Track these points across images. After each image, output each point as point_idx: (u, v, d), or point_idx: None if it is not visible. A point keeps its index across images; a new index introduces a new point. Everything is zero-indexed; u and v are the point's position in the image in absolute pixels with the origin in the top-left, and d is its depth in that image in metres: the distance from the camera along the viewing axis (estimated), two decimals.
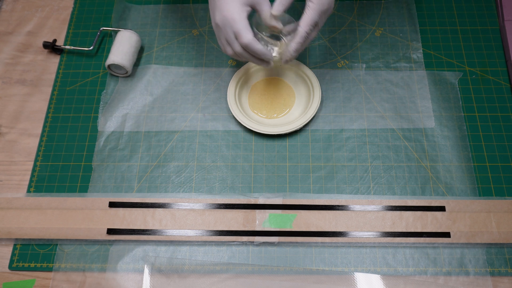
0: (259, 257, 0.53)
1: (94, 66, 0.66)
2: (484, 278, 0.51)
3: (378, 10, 0.69)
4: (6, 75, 0.67)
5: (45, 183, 0.58)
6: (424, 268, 0.52)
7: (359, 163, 0.58)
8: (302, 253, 0.53)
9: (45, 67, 0.67)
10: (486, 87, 0.63)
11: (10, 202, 0.56)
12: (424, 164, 0.58)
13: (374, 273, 0.52)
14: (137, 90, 0.64)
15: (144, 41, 0.68)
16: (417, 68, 0.64)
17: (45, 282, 0.53)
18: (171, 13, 0.71)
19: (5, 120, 0.63)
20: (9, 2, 0.73)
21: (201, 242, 0.54)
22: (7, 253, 0.55)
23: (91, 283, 0.52)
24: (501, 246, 0.53)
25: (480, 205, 0.54)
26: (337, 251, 0.53)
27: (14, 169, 0.60)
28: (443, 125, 0.60)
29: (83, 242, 0.54)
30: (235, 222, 0.54)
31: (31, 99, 0.65)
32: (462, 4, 0.69)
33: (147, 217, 0.55)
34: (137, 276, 0.52)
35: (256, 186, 0.57)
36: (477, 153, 0.58)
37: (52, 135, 0.62)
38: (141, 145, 0.60)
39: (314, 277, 0.52)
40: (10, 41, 0.70)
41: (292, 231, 0.53)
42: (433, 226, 0.53)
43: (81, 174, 0.59)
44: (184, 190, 0.57)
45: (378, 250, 0.53)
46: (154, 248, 0.54)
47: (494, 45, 0.66)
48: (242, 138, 0.60)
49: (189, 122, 0.62)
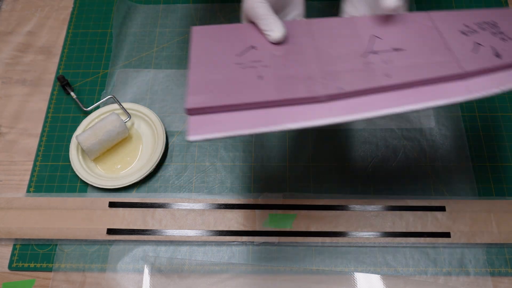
0: (259, 257, 0.53)
1: (94, 66, 0.66)
2: (484, 278, 0.51)
3: None
4: (6, 75, 0.67)
5: (45, 183, 0.58)
6: (424, 268, 0.52)
7: (359, 162, 0.58)
8: (302, 253, 0.53)
9: (45, 67, 0.67)
10: None
11: (10, 202, 0.56)
12: (424, 164, 0.58)
13: (374, 273, 0.52)
14: (137, 92, 0.64)
15: (144, 41, 0.68)
16: None
17: (45, 282, 0.53)
18: (171, 13, 0.71)
19: (5, 120, 0.63)
20: (9, 2, 0.73)
21: (201, 242, 0.54)
22: (6, 253, 0.55)
23: (91, 283, 0.52)
24: (501, 246, 0.53)
25: (480, 205, 0.54)
26: (337, 251, 0.53)
27: (14, 169, 0.60)
28: (443, 124, 0.60)
29: (83, 242, 0.54)
30: (235, 222, 0.54)
31: (31, 99, 0.65)
32: (462, 4, 0.69)
33: (147, 217, 0.55)
34: (137, 276, 0.52)
35: (256, 186, 0.57)
36: (477, 153, 0.58)
37: (52, 135, 0.62)
38: None
39: (314, 277, 0.52)
40: (10, 41, 0.70)
41: (292, 231, 0.53)
42: (433, 226, 0.53)
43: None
44: (183, 191, 0.57)
45: (378, 250, 0.53)
46: (154, 248, 0.54)
47: None
48: (241, 138, 0.60)
49: None
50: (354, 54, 0.42)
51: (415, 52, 0.42)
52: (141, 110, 0.60)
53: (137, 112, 0.61)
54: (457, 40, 0.42)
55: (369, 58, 0.41)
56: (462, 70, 0.39)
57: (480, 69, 0.39)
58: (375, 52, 0.42)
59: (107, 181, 0.56)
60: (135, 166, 0.58)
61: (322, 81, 0.40)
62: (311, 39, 0.44)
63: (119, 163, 0.59)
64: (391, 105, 0.38)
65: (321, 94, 0.38)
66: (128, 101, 0.63)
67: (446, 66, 0.40)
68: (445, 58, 0.41)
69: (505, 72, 0.40)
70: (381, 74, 0.39)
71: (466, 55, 0.41)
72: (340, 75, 0.40)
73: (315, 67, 0.41)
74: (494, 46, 0.41)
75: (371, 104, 0.38)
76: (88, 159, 0.58)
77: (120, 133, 0.57)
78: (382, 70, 0.40)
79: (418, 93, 0.39)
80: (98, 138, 0.55)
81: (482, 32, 0.43)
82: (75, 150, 0.58)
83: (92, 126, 0.57)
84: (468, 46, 0.42)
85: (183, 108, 0.62)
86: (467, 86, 0.39)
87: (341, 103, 0.38)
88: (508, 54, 0.40)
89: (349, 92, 0.38)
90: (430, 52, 0.42)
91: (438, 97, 0.38)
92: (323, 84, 0.39)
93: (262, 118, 0.37)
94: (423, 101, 0.38)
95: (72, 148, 0.58)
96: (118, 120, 0.57)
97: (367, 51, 0.42)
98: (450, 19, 0.44)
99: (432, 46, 0.42)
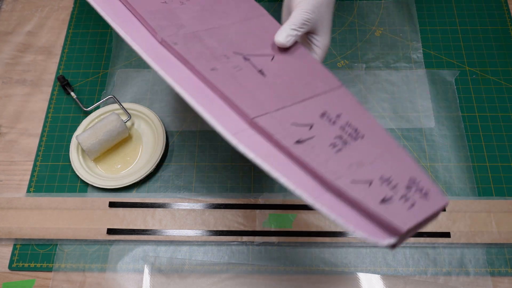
0: (259, 257, 0.53)
1: (94, 66, 0.66)
2: (484, 278, 0.51)
3: (378, 10, 0.69)
4: (6, 75, 0.67)
5: (45, 183, 0.58)
6: (424, 268, 0.52)
7: None
8: (302, 253, 0.53)
9: (45, 67, 0.67)
10: (486, 87, 0.63)
11: (10, 202, 0.56)
12: (423, 164, 0.58)
13: (374, 273, 0.52)
14: (137, 92, 0.64)
15: None
16: (417, 68, 0.64)
17: (45, 282, 0.53)
18: None
19: (5, 120, 0.63)
20: (9, 2, 0.73)
21: (201, 242, 0.54)
22: (7, 253, 0.55)
23: (91, 283, 0.52)
24: (501, 246, 0.53)
25: (480, 205, 0.54)
26: (337, 251, 0.53)
27: (14, 169, 0.60)
28: (443, 124, 0.60)
29: (83, 242, 0.54)
30: (235, 222, 0.54)
31: (31, 99, 0.65)
32: (462, 4, 0.69)
33: (147, 217, 0.55)
34: (137, 276, 0.52)
35: (256, 186, 0.57)
36: (477, 153, 0.58)
37: (52, 135, 0.62)
38: None
39: (314, 277, 0.52)
40: (10, 41, 0.70)
41: (292, 231, 0.53)
42: (433, 226, 0.53)
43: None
44: (183, 191, 0.57)
45: (378, 250, 0.53)
46: (154, 248, 0.54)
47: (494, 45, 0.66)
48: None
49: (189, 122, 0.62)
50: (231, 44, 0.41)
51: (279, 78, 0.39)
52: (141, 110, 0.60)
53: (137, 112, 0.61)
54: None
55: (232, 55, 0.40)
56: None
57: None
58: (245, 57, 0.40)
59: (107, 181, 0.56)
60: (135, 166, 0.58)
61: (176, 31, 0.41)
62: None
63: (119, 163, 0.59)
64: (193, 94, 0.37)
65: (160, 34, 0.40)
66: (128, 101, 0.63)
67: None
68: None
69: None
70: (211, 68, 0.38)
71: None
72: (194, 41, 0.41)
73: (192, 23, 0.42)
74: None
75: (178, 74, 0.39)
76: (88, 159, 0.58)
77: (120, 133, 0.57)
78: (224, 68, 0.39)
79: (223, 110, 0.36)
80: (98, 138, 0.55)
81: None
82: (75, 150, 0.58)
83: (92, 126, 0.57)
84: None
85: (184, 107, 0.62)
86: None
87: (165, 54, 0.40)
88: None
89: (176, 51, 0.39)
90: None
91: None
92: (173, 33, 0.41)
93: (123, 20, 0.41)
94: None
95: (72, 148, 0.58)
96: (118, 120, 0.57)
97: (240, 51, 0.41)
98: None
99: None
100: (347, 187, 0.31)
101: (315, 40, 0.45)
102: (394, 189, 0.31)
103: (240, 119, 0.36)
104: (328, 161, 0.32)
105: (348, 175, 0.32)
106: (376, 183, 0.31)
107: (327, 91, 0.38)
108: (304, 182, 0.32)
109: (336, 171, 0.32)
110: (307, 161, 0.32)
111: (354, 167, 0.32)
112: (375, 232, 0.29)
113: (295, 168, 0.33)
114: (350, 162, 0.32)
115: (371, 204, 0.30)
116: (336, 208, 0.30)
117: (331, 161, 0.32)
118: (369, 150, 0.33)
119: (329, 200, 0.31)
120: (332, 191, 0.31)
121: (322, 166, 0.32)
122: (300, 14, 0.43)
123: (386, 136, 0.35)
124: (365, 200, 0.30)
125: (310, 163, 0.32)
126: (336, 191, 0.31)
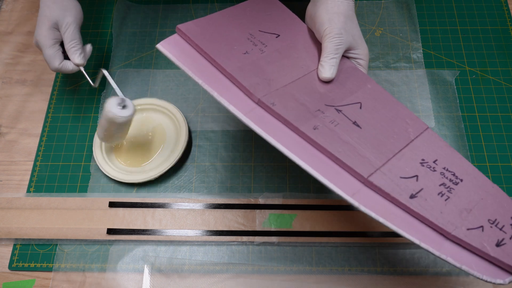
0: (259, 257, 0.53)
1: (94, 66, 0.66)
2: None
3: (378, 10, 0.69)
4: (6, 75, 0.67)
5: (45, 183, 0.58)
6: (424, 268, 0.52)
7: None
8: (302, 253, 0.53)
9: (45, 67, 0.67)
10: (486, 87, 0.63)
11: (10, 202, 0.56)
12: None
13: (374, 273, 0.52)
14: (137, 92, 0.64)
15: (144, 41, 0.68)
16: (417, 68, 0.64)
17: (45, 282, 0.53)
18: (171, 13, 0.71)
19: (5, 120, 0.63)
20: (9, 2, 0.73)
21: (201, 242, 0.54)
22: (7, 253, 0.55)
23: (91, 283, 0.52)
24: None
25: None
26: (337, 251, 0.53)
27: (14, 169, 0.60)
28: (443, 124, 0.60)
29: (83, 242, 0.54)
30: (235, 222, 0.54)
31: (31, 99, 0.65)
32: (462, 4, 0.69)
33: (147, 217, 0.55)
34: (137, 276, 0.52)
35: (256, 186, 0.57)
36: (477, 153, 0.58)
37: (52, 135, 0.62)
38: None
39: (314, 277, 0.52)
40: (10, 41, 0.70)
41: (292, 231, 0.53)
42: None
43: (81, 174, 0.59)
44: (183, 191, 0.57)
45: (378, 250, 0.53)
46: (154, 248, 0.54)
47: (494, 45, 0.66)
48: (241, 138, 0.60)
49: (189, 122, 0.62)
50: (319, 95, 0.42)
51: (368, 132, 0.40)
52: (165, 106, 0.61)
53: (162, 108, 0.61)
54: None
55: (325, 109, 0.41)
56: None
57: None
58: (337, 109, 0.41)
59: (132, 176, 0.56)
60: (156, 160, 0.58)
61: (269, 88, 0.41)
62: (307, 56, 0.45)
63: (140, 157, 0.59)
64: (298, 154, 0.37)
65: (256, 95, 0.40)
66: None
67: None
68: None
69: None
70: (313, 127, 0.39)
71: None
72: (287, 97, 0.41)
73: (278, 75, 0.42)
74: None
75: (282, 135, 0.38)
76: (113, 155, 0.59)
77: (123, 119, 0.53)
78: (324, 125, 0.39)
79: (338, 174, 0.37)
80: (105, 129, 0.54)
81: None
82: (98, 147, 0.58)
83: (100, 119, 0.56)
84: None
85: (184, 107, 0.62)
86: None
87: (263, 114, 0.39)
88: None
89: (275, 112, 0.39)
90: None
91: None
92: (267, 91, 0.40)
93: (211, 79, 0.41)
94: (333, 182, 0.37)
95: (95, 145, 0.59)
96: (113, 108, 0.52)
97: (330, 104, 0.42)
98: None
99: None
100: (466, 237, 0.34)
101: (355, 54, 0.46)
102: (502, 230, 0.34)
103: (354, 179, 0.37)
104: (443, 212, 0.35)
105: (462, 223, 0.34)
106: (487, 227, 0.34)
107: (417, 135, 0.40)
108: (426, 234, 0.35)
109: (451, 221, 0.35)
110: (425, 215, 0.35)
111: (464, 213, 0.35)
112: (496, 273, 0.33)
113: (414, 221, 0.35)
114: (459, 209, 0.35)
115: (490, 250, 0.33)
116: (459, 257, 0.34)
117: (445, 211, 0.35)
118: (471, 194, 0.36)
119: (451, 250, 0.34)
120: (450, 240, 0.34)
121: (439, 218, 0.35)
122: (332, 42, 0.44)
123: (481, 177, 0.37)
124: (485, 247, 0.33)
125: (428, 217, 0.35)
126: (455, 239, 0.34)
